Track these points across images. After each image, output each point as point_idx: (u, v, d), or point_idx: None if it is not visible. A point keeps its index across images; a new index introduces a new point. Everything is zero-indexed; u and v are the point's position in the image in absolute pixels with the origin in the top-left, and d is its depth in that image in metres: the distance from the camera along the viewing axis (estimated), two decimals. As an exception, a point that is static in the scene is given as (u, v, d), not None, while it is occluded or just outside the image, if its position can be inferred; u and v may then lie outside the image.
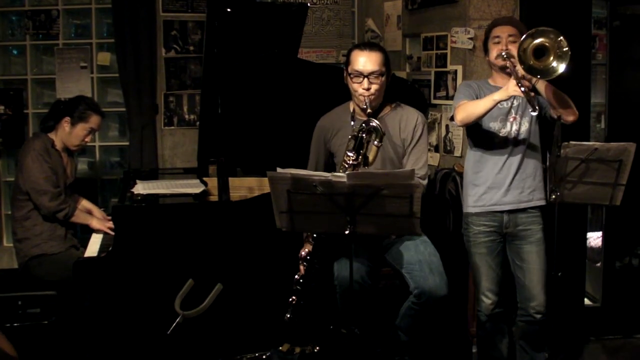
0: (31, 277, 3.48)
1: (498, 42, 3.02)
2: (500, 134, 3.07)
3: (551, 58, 2.72)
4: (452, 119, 3.11)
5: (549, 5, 3.66)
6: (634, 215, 3.88)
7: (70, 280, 3.19)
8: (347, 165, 2.87)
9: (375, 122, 2.84)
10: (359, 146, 2.88)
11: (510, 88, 2.80)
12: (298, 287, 2.95)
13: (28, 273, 3.50)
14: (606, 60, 3.96)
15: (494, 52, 3.04)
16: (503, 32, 3.01)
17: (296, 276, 2.98)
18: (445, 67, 4.02)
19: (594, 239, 4.33)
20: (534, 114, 2.79)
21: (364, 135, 2.87)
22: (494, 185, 3.10)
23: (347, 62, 3.05)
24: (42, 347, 3.28)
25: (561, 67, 2.72)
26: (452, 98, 3.96)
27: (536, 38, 2.72)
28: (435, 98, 4.14)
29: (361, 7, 5.10)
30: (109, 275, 3.11)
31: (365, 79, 2.96)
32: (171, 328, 2.58)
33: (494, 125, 3.07)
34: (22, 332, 3.27)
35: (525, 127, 3.06)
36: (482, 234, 3.15)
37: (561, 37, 2.71)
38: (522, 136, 3.06)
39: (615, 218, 3.93)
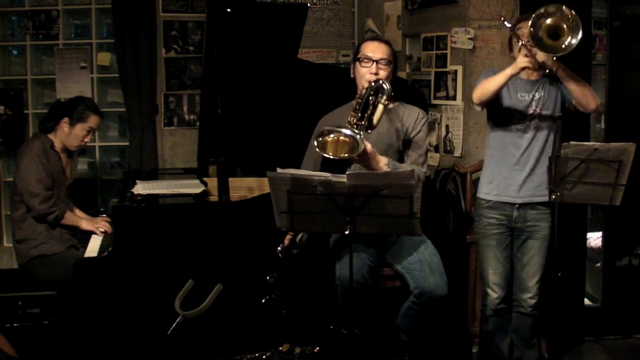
0: (31, 278, 3.48)
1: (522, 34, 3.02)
2: (520, 127, 3.08)
3: (566, 34, 2.75)
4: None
5: (549, 6, 3.66)
6: (634, 215, 3.88)
7: (70, 281, 3.19)
8: (350, 125, 2.83)
9: (383, 81, 2.89)
10: (365, 107, 2.89)
11: (520, 60, 2.88)
12: (280, 257, 2.92)
13: (28, 274, 3.50)
14: (606, 60, 3.96)
15: (518, 44, 3.03)
16: (526, 26, 3.00)
17: (278, 248, 2.95)
18: (445, 67, 4.02)
19: (594, 239, 4.33)
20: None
21: (371, 95, 2.89)
22: (510, 178, 3.12)
23: (357, 51, 3.14)
24: (42, 347, 3.28)
25: (575, 39, 2.74)
26: (452, 98, 3.98)
27: (546, 19, 2.75)
28: (435, 98, 4.14)
29: (361, 7, 5.10)
30: (109, 275, 3.11)
31: (374, 64, 3.04)
32: (171, 328, 2.58)
33: (515, 115, 3.08)
34: (22, 332, 3.27)
35: (545, 120, 3.07)
36: (492, 226, 3.18)
37: (564, 8, 2.74)
38: (541, 129, 3.07)
39: (615, 218, 3.93)
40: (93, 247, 3.41)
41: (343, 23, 5.08)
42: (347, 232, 2.55)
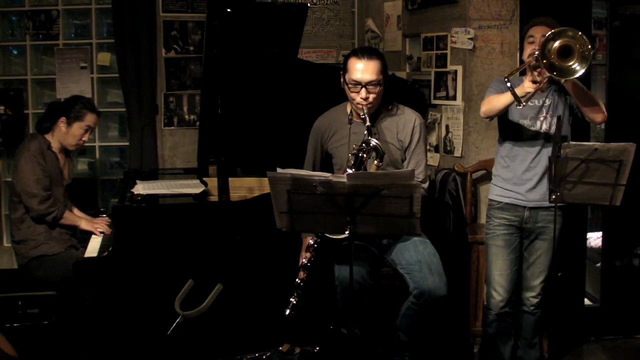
0: (31, 278, 3.48)
1: (532, 42, 3.04)
2: (530, 132, 3.09)
3: (575, 59, 2.72)
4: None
5: (549, 6, 3.66)
6: (634, 215, 3.88)
7: (70, 281, 3.18)
8: None
9: (374, 142, 2.83)
10: (360, 164, 2.88)
11: (526, 84, 2.86)
12: (299, 291, 2.96)
13: (28, 274, 3.50)
14: (606, 60, 3.95)
15: (527, 51, 3.06)
16: (537, 32, 3.02)
17: (297, 280, 2.98)
18: (445, 67, 4.02)
19: (594, 239, 4.33)
20: (519, 107, 2.87)
21: (364, 155, 2.87)
22: (521, 182, 3.13)
23: (344, 69, 3.01)
24: (42, 347, 3.28)
25: (581, 70, 2.72)
26: (452, 98, 3.98)
27: (557, 40, 2.72)
28: (435, 98, 4.14)
29: (361, 7, 5.10)
30: (109, 275, 3.11)
31: (363, 89, 2.93)
32: (171, 328, 2.58)
33: (524, 123, 3.09)
34: (22, 332, 3.27)
35: (555, 126, 3.07)
36: (501, 226, 3.18)
37: (580, 33, 2.71)
38: (551, 135, 3.07)
39: (615, 218, 3.93)
40: (93, 247, 3.41)
41: (343, 23, 5.08)
42: (347, 232, 2.55)
